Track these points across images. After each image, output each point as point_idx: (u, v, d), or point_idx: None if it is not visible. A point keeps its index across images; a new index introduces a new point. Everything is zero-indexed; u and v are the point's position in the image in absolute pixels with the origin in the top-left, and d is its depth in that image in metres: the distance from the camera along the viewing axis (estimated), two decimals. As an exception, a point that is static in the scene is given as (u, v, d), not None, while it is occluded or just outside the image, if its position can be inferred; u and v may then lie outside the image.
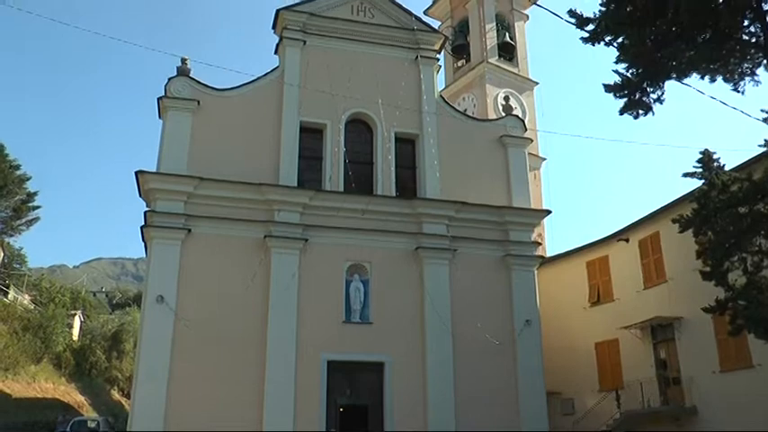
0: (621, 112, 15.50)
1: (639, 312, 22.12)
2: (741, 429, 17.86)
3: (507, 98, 24.54)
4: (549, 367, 20.82)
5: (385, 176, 20.63)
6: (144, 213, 18.46)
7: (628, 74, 15.12)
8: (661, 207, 21.64)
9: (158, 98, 19.47)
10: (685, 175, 17.07)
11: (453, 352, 19.16)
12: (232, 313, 17.96)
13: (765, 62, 14.34)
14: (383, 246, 19.80)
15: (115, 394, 45.40)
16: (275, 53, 21.46)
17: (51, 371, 37.71)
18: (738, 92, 14.88)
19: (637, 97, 15.18)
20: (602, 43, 15.04)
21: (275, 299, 18.30)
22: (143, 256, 21.69)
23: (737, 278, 15.54)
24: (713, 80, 14.90)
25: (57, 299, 48.74)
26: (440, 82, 26.00)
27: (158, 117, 19.77)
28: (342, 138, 20.55)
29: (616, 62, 15.18)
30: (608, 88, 15.35)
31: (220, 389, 17.20)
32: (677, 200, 20.42)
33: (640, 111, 15.31)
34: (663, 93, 15.22)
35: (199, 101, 19.58)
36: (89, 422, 29.84)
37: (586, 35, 15.04)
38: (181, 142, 19.13)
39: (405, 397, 18.56)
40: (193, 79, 19.88)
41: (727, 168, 17.02)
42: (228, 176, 18.95)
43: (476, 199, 20.84)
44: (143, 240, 19.05)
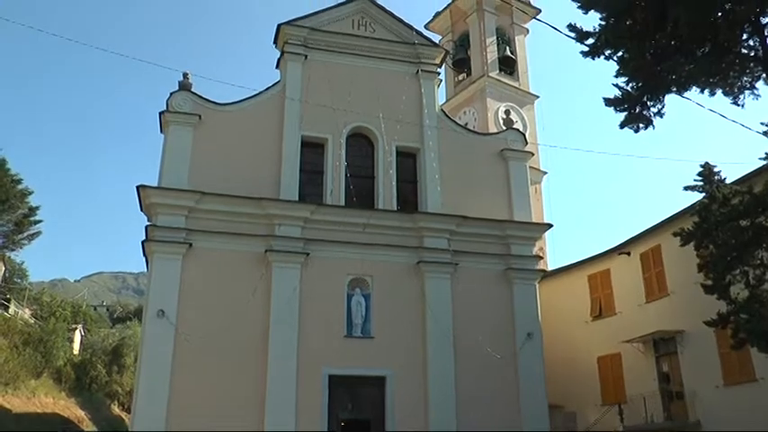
0: (622, 126, 15.53)
1: (641, 326, 22.04)
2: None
3: (508, 112, 24.56)
4: (551, 381, 20.71)
5: (386, 190, 20.64)
6: (145, 228, 18.46)
7: (628, 87, 15.17)
8: (662, 220, 21.63)
9: (160, 112, 19.54)
10: (686, 189, 17.13)
11: (455, 366, 19.09)
12: (233, 328, 17.88)
13: (764, 76, 14.38)
14: (384, 260, 19.77)
15: (115, 409, 45.08)
16: (276, 67, 21.54)
17: (51, 385, 37.45)
18: (738, 105, 14.91)
19: (637, 111, 15.21)
20: (602, 57, 15.10)
21: (276, 313, 18.24)
22: (144, 271, 21.70)
23: (739, 291, 15.52)
24: (713, 93, 14.93)
25: (57, 313, 48.46)
26: (441, 96, 26.09)
27: (160, 131, 19.83)
28: (343, 152, 20.59)
29: (616, 76, 15.24)
30: (608, 102, 15.38)
31: (221, 403, 17.12)
32: (678, 213, 20.42)
33: (641, 124, 15.35)
34: (663, 106, 15.26)
35: (200, 115, 19.63)
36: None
37: (586, 49, 15.11)
38: (182, 157, 19.17)
39: (406, 411, 18.46)
40: (195, 94, 19.95)
41: (727, 181, 17.08)
42: (230, 191, 18.97)
43: (477, 213, 20.83)
44: (144, 255, 19.08)
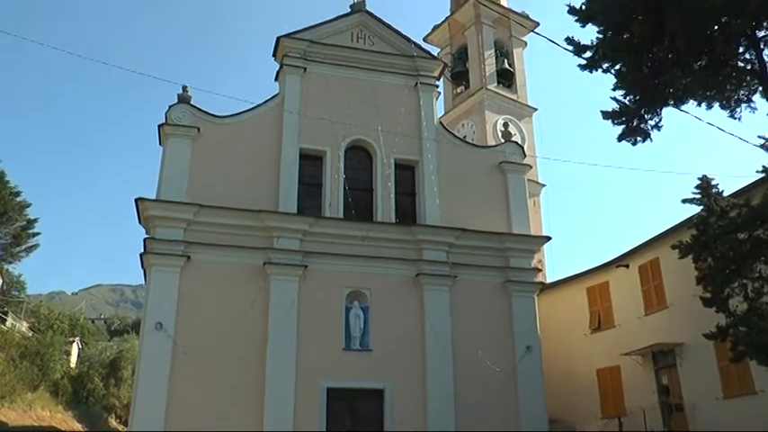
0: (620, 139, 15.60)
1: (640, 338, 21.99)
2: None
3: (506, 124, 24.67)
4: (551, 393, 20.60)
5: (385, 203, 20.65)
6: (143, 240, 18.43)
7: (625, 100, 15.26)
8: (660, 233, 21.60)
9: (159, 125, 19.56)
10: (684, 201, 17.15)
11: (454, 378, 19.00)
12: (231, 340, 17.82)
13: (761, 89, 14.44)
14: (383, 272, 19.74)
15: (112, 422, 44.83)
16: (275, 80, 21.61)
17: (48, 399, 37.22)
18: (735, 118, 15.00)
19: (634, 124, 15.30)
20: (599, 70, 15.22)
21: (274, 326, 18.17)
22: (142, 283, 21.62)
23: (738, 304, 15.50)
24: (710, 107, 15.02)
25: (55, 326, 48.28)
26: (439, 108, 26.14)
27: (159, 144, 19.85)
28: (341, 164, 20.61)
29: (614, 89, 15.34)
30: (606, 115, 15.46)
31: (219, 416, 16.99)
32: (676, 226, 20.40)
33: (638, 137, 15.43)
34: (660, 119, 15.36)
35: (199, 128, 19.65)
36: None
37: (584, 62, 15.21)
38: (181, 169, 19.16)
39: (405, 424, 18.33)
40: (194, 106, 19.97)
41: (725, 194, 17.09)
42: (228, 203, 18.95)
43: (476, 225, 20.82)
44: (142, 267, 19.00)
